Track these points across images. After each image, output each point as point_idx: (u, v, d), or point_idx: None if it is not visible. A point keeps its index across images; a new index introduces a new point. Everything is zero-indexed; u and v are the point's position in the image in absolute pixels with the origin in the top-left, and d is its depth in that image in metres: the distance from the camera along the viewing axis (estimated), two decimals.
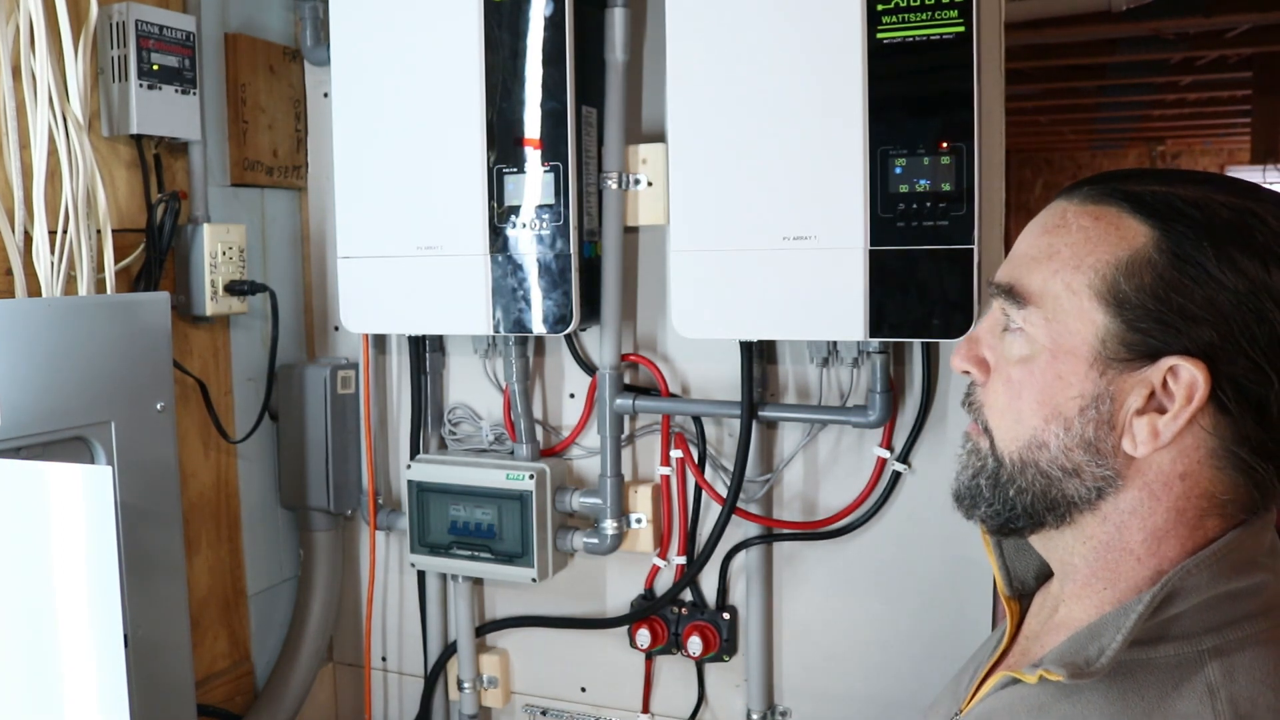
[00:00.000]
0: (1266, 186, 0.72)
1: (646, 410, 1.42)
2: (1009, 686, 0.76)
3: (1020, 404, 0.73)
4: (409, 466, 1.51)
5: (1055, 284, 0.72)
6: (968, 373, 0.79)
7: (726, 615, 1.44)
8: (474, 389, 1.57)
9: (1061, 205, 0.75)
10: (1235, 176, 0.75)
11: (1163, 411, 0.68)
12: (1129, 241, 0.70)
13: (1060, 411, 0.71)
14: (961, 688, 0.88)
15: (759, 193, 1.23)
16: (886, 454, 1.33)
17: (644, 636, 1.46)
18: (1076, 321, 0.71)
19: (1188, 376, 0.67)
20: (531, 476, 1.42)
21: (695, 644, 1.42)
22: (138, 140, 1.36)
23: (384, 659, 1.69)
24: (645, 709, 1.51)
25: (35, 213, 1.20)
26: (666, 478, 1.45)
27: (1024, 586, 0.87)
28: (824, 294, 1.21)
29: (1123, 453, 0.70)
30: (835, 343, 1.32)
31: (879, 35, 1.17)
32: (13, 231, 1.19)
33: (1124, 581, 0.73)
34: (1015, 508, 0.75)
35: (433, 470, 1.49)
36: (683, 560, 1.45)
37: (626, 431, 1.46)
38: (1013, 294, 0.74)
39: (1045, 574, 0.86)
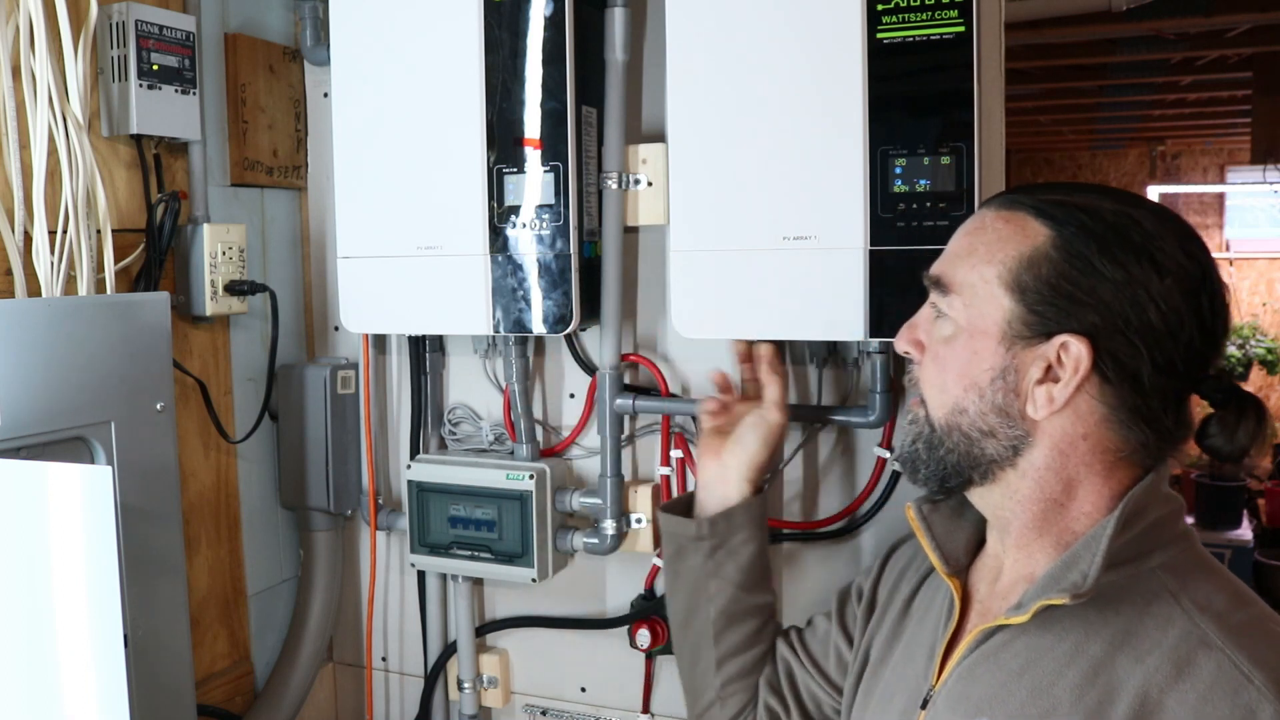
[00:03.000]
0: (1147, 195, 0.88)
1: (646, 410, 1.42)
2: (986, 641, 0.86)
3: (945, 376, 0.87)
4: (409, 466, 1.51)
5: (973, 276, 0.86)
6: (908, 353, 0.92)
7: None
8: (474, 389, 1.57)
9: (983, 211, 0.89)
10: (1121, 189, 0.90)
11: (1057, 381, 0.82)
12: (1031, 240, 0.83)
13: (975, 382, 0.85)
14: (919, 670, 0.93)
15: (759, 193, 1.23)
16: (886, 454, 1.33)
17: (644, 636, 1.46)
18: (988, 306, 0.84)
19: (1075, 351, 0.80)
20: (531, 476, 1.42)
21: None
22: (138, 140, 1.36)
23: (384, 659, 1.69)
24: (645, 709, 1.51)
25: (35, 213, 1.20)
26: (666, 478, 1.45)
27: (958, 564, 0.96)
28: (824, 294, 1.21)
29: (1028, 417, 0.83)
30: (835, 343, 1.32)
31: (879, 35, 1.17)
32: (13, 231, 1.19)
33: (1056, 526, 0.86)
34: (945, 466, 0.87)
35: (433, 470, 1.49)
36: None
37: (626, 431, 1.46)
38: (940, 284, 0.88)
39: (975, 549, 0.97)
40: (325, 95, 1.61)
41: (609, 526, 1.42)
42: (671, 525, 1.16)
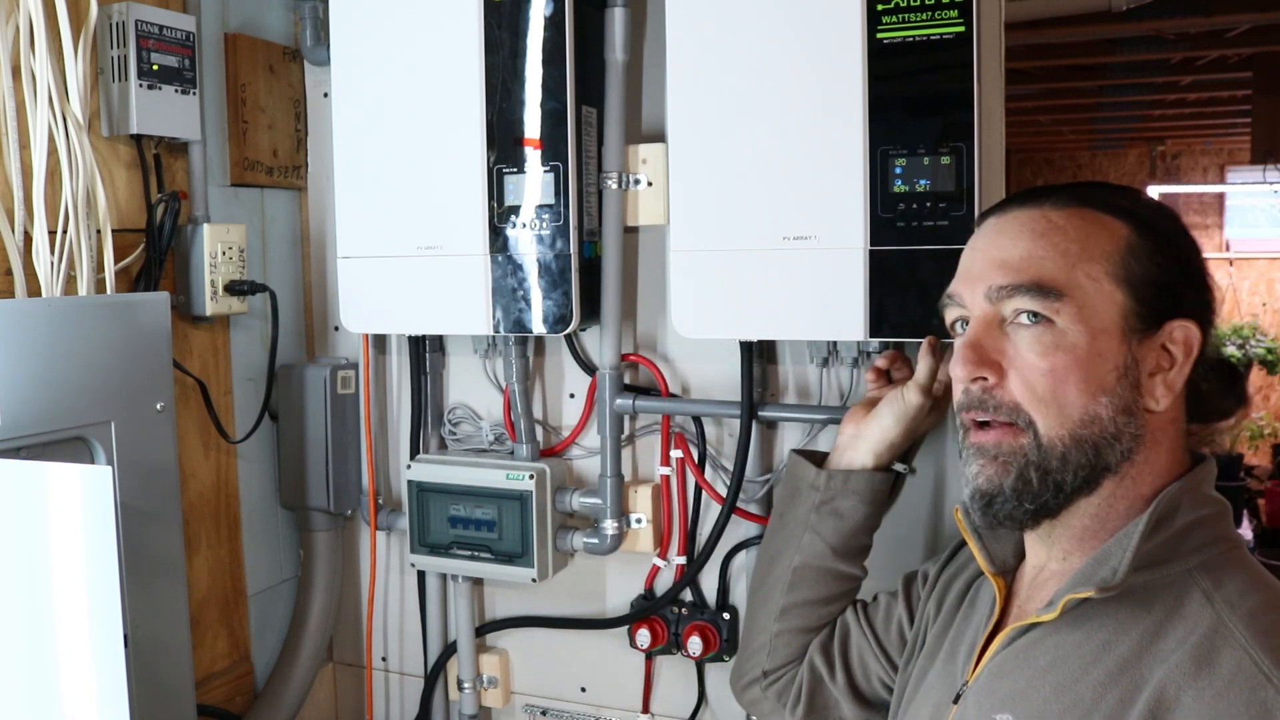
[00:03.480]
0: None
1: (646, 410, 1.42)
2: (1019, 638, 0.85)
3: (1066, 389, 0.81)
4: (409, 466, 1.51)
5: (1078, 275, 0.82)
6: (982, 379, 0.84)
7: (727, 615, 1.44)
8: (474, 389, 1.57)
9: (1034, 213, 0.86)
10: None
11: (1168, 369, 0.82)
12: (1118, 234, 0.83)
13: (1104, 385, 0.81)
14: (958, 667, 0.92)
15: (759, 193, 1.23)
16: None
17: (644, 636, 1.46)
18: (1104, 304, 0.82)
19: (1182, 334, 0.82)
20: (531, 476, 1.42)
21: (695, 644, 1.42)
22: (138, 140, 1.36)
23: (384, 659, 1.69)
24: (645, 709, 1.51)
25: (35, 213, 1.20)
26: (666, 478, 1.45)
27: (1005, 564, 0.94)
28: (824, 294, 1.21)
29: (1144, 410, 0.82)
30: (835, 343, 1.31)
31: (879, 35, 1.17)
32: (13, 231, 1.19)
33: (1120, 520, 0.83)
34: (1063, 489, 0.82)
35: (433, 470, 1.49)
36: (683, 560, 1.45)
37: (626, 431, 1.46)
38: (1042, 290, 0.82)
39: (1023, 552, 0.93)
40: (325, 95, 1.61)
41: (609, 526, 1.42)
42: (795, 466, 1.17)
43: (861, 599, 1.18)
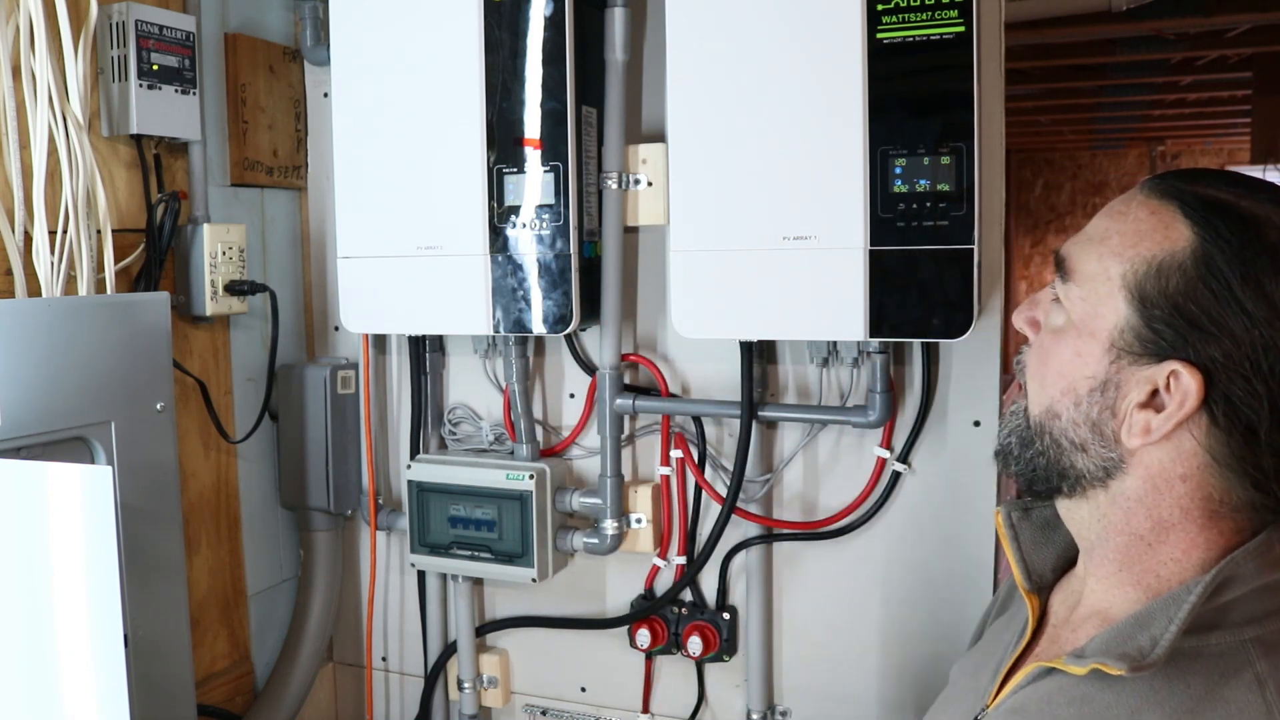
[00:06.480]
0: None
1: (646, 410, 1.42)
2: (1044, 678, 0.77)
3: (1046, 371, 0.77)
4: (409, 466, 1.51)
5: (1097, 267, 0.74)
6: (1024, 331, 0.82)
7: (726, 615, 1.44)
8: (474, 389, 1.57)
9: (1133, 193, 0.77)
10: None
11: (1160, 410, 0.71)
12: (1171, 243, 0.71)
13: (1073, 387, 0.75)
14: (983, 684, 0.86)
15: (759, 193, 1.23)
16: (886, 454, 1.33)
17: (644, 636, 1.46)
18: (1104, 307, 0.73)
19: (1184, 383, 0.69)
20: (531, 476, 1.42)
21: (695, 644, 1.42)
22: (138, 140, 1.36)
23: (384, 659, 1.69)
24: (645, 709, 1.51)
25: (35, 213, 1.20)
26: (666, 478, 1.45)
27: (1042, 580, 0.88)
28: (824, 294, 1.21)
29: (1122, 441, 0.73)
30: (835, 343, 1.32)
31: (879, 35, 1.17)
32: (13, 231, 1.19)
33: (1139, 565, 0.76)
34: (1035, 469, 0.79)
35: (433, 470, 1.49)
36: (683, 560, 1.45)
37: (626, 431, 1.46)
38: (1063, 267, 0.77)
39: (1063, 567, 0.88)
40: (325, 95, 1.61)
41: (609, 526, 1.42)
42: None
43: None
